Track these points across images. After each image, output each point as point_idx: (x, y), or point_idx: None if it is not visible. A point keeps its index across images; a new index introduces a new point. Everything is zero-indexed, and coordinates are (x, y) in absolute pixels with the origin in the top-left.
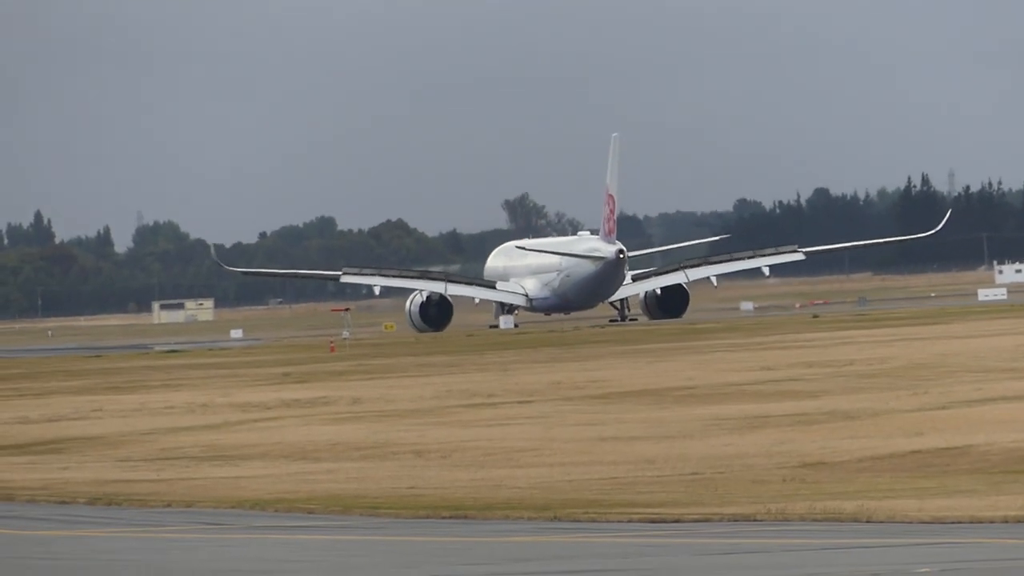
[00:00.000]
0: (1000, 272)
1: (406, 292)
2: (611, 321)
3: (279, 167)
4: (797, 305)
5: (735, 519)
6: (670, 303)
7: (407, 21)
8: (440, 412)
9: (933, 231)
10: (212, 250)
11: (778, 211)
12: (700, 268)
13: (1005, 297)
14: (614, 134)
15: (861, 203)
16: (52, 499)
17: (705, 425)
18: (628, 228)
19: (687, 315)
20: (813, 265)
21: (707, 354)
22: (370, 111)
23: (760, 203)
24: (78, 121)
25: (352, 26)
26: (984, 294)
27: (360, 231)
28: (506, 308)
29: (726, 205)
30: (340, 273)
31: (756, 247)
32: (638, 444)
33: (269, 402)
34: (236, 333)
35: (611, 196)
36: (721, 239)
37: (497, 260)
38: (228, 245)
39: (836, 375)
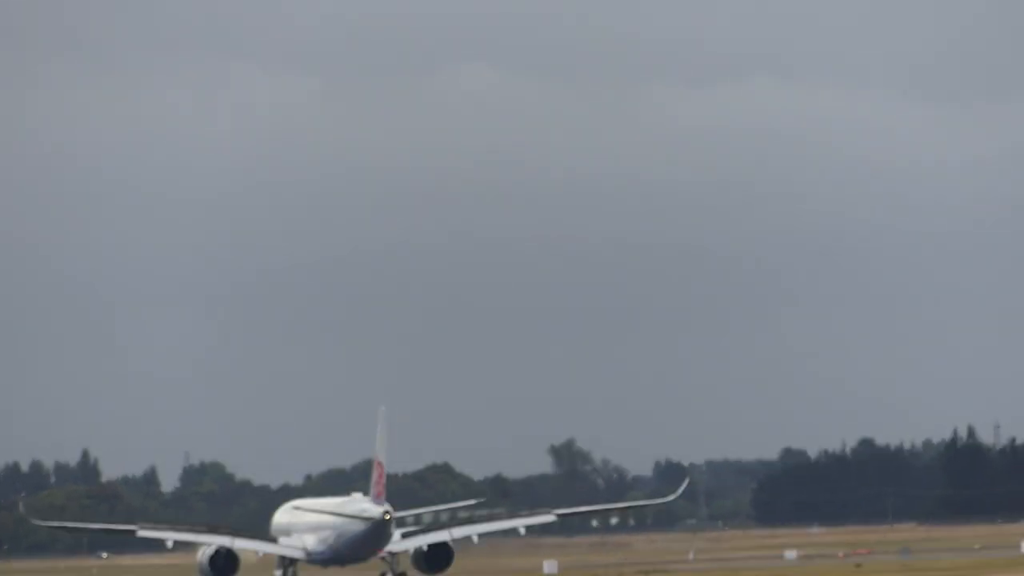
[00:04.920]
0: None
1: (198, 545)
2: (381, 574)
3: (325, 408)
4: (840, 555)
5: None
6: (436, 559)
7: (471, 256)
8: None
9: (668, 498)
10: (20, 505)
11: (823, 460)
12: (464, 527)
13: None
14: (381, 407)
15: (906, 454)
16: None
17: None
18: (674, 474)
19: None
20: (859, 515)
21: None
22: (416, 355)
23: (805, 452)
24: (124, 361)
25: (413, 270)
26: None
27: (405, 475)
28: (287, 561)
29: (771, 453)
30: (136, 527)
31: (800, 494)
32: None
33: None
34: (278, 574)
35: (379, 463)
36: (478, 502)
37: (283, 516)
38: (275, 487)
39: None
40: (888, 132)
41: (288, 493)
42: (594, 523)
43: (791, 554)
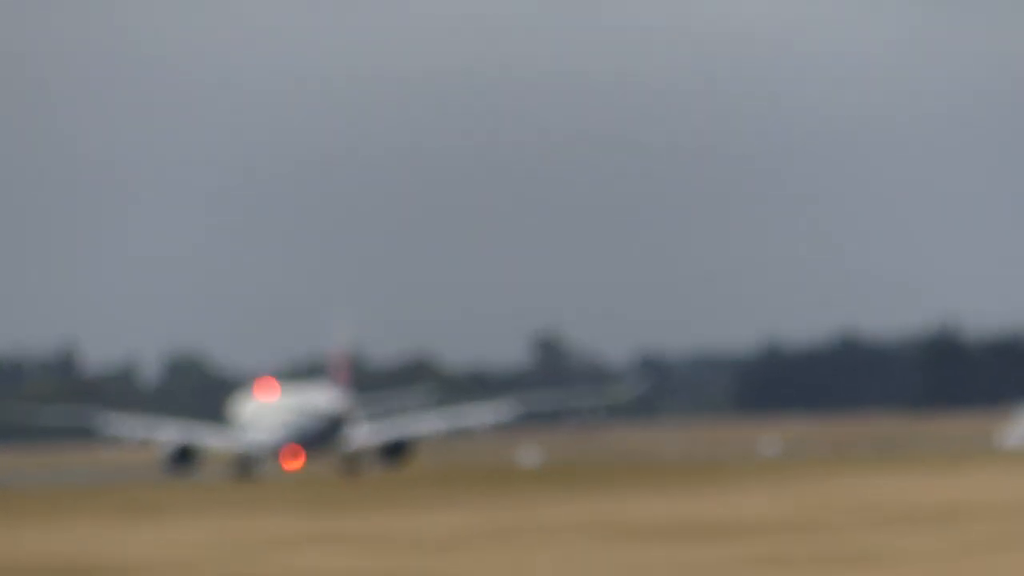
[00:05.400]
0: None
1: (157, 438)
2: (342, 466)
3: (309, 297)
4: (821, 445)
5: None
6: (397, 451)
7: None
8: (462, 546)
9: None
10: None
11: (803, 352)
12: (424, 420)
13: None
14: (342, 299)
15: (887, 349)
16: None
17: (729, 563)
18: (653, 367)
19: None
20: (839, 407)
21: (732, 493)
22: (398, 246)
23: (786, 343)
24: (111, 249)
25: (381, 153)
26: (1007, 439)
27: (383, 368)
28: (247, 453)
29: (752, 345)
30: (101, 421)
31: (782, 389)
32: None
33: (291, 534)
34: (269, 465)
35: (339, 356)
36: (440, 398)
37: (244, 408)
38: (258, 377)
39: (860, 516)
40: (855, 26)
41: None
42: (572, 416)
43: (771, 446)
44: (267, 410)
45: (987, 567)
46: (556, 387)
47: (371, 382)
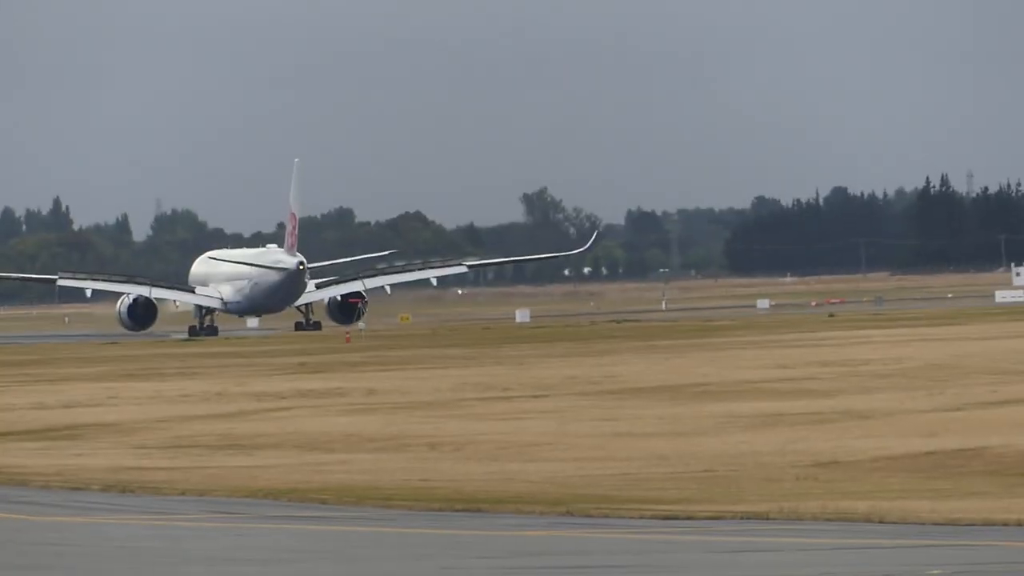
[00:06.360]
0: (1018, 274)
1: (118, 295)
2: (297, 324)
3: (297, 156)
4: (813, 303)
5: (747, 517)
6: (350, 308)
7: (432, 11)
8: (454, 405)
9: None
10: None
11: (796, 209)
12: (376, 278)
13: (1022, 299)
14: (296, 159)
15: (879, 202)
16: (66, 485)
17: (719, 422)
18: (646, 223)
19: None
20: (831, 264)
21: (723, 351)
22: (389, 103)
23: (778, 201)
24: (100, 107)
25: (369, 13)
26: (1001, 296)
27: (377, 223)
28: (204, 310)
29: (744, 202)
30: (56, 277)
31: (773, 244)
32: (652, 440)
33: (284, 392)
34: (252, 322)
35: (293, 215)
36: (390, 253)
37: (200, 267)
38: (247, 235)
39: (851, 374)
40: None
41: (260, 241)
42: (567, 272)
43: (764, 303)
44: (228, 266)
45: (976, 422)
46: (548, 243)
47: (364, 238)
